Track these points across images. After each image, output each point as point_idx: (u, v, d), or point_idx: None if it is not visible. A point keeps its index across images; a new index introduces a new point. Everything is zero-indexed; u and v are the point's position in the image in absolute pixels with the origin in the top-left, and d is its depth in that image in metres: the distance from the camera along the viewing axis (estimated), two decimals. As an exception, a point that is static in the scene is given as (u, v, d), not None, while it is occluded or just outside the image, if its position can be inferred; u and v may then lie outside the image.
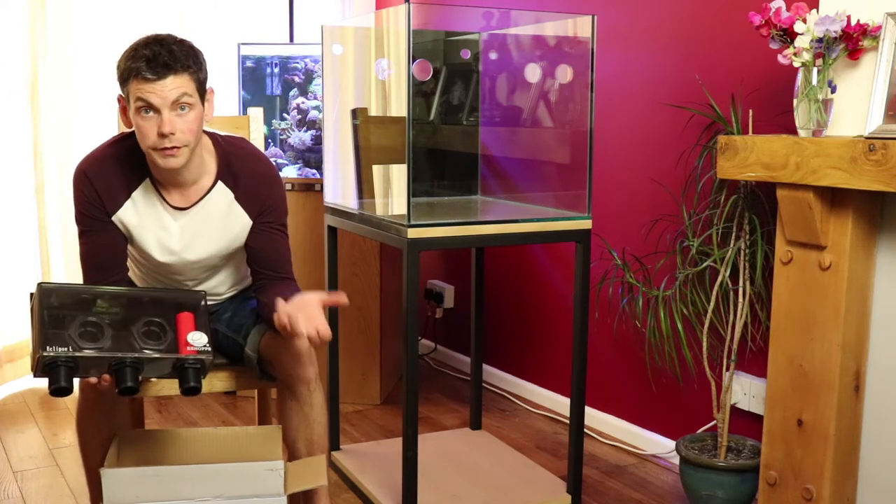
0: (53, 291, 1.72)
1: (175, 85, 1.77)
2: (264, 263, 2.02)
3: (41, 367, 1.64)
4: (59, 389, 1.63)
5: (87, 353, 1.66)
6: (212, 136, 1.98)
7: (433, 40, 2.90)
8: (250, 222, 1.99)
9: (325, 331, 1.76)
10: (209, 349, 1.77)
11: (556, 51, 2.59)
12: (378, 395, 3.27)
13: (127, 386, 1.68)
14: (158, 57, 1.76)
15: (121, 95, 1.84)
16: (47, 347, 1.63)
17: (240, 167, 1.98)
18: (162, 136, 1.78)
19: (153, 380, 1.92)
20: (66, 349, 1.64)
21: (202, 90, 1.86)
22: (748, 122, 2.22)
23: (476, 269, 2.81)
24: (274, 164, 2.09)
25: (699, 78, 2.55)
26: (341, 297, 1.88)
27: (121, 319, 1.74)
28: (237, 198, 1.97)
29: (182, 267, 2.01)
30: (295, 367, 1.95)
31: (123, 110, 1.85)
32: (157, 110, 1.78)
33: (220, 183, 1.96)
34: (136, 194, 1.92)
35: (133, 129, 1.84)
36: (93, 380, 1.71)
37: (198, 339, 1.76)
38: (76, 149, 3.48)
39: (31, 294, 1.76)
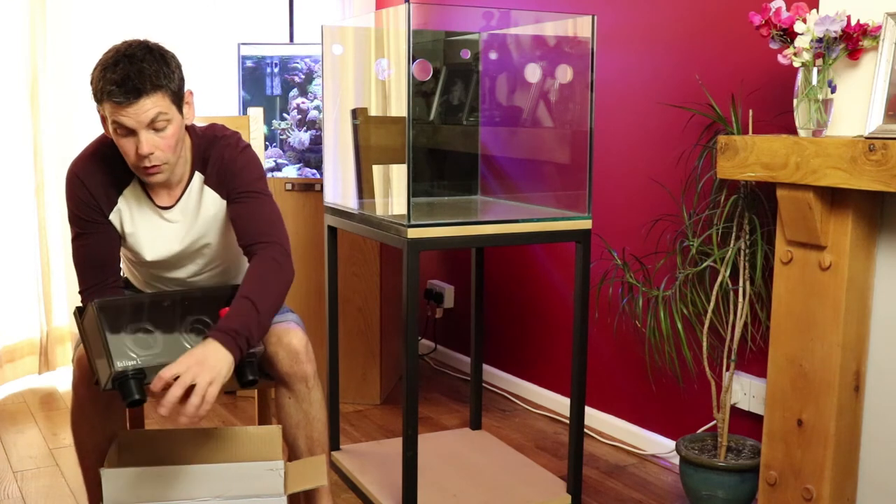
0: (109, 306, 1.75)
1: (148, 107, 1.75)
2: (246, 235, 1.95)
3: (112, 381, 1.69)
4: (134, 402, 1.69)
5: (154, 361, 1.71)
6: (191, 129, 1.98)
7: (433, 40, 2.90)
8: (223, 202, 1.98)
9: (193, 415, 1.65)
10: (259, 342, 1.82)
11: (556, 51, 2.59)
12: (378, 395, 3.27)
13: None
14: (128, 80, 1.73)
15: (100, 107, 1.82)
16: (117, 363, 1.67)
17: (210, 152, 1.97)
18: (141, 156, 1.79)
19: None
20: (134, 361, 1.69)
21: (178, 100, 1.83)
22: (748, 122, 2.22)
23: (476, 269, 2.81)
24: (241, 137, 2.04)
25: (699, 78, 2.55)
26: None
27: (167, 322, 1.77)
28: (206, 181, 1.97)
29: (176, 261, 2.01)
30: (292, 364, 1.95)
31: (104, 120, 1.84)
32: (133, 132, 1.77)
33: (196, 173, 1.97)
34: (127, 193, 1.94)
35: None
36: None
37: None
38: (76, 149, 3.45)
39: (77, 311, 1.80)
